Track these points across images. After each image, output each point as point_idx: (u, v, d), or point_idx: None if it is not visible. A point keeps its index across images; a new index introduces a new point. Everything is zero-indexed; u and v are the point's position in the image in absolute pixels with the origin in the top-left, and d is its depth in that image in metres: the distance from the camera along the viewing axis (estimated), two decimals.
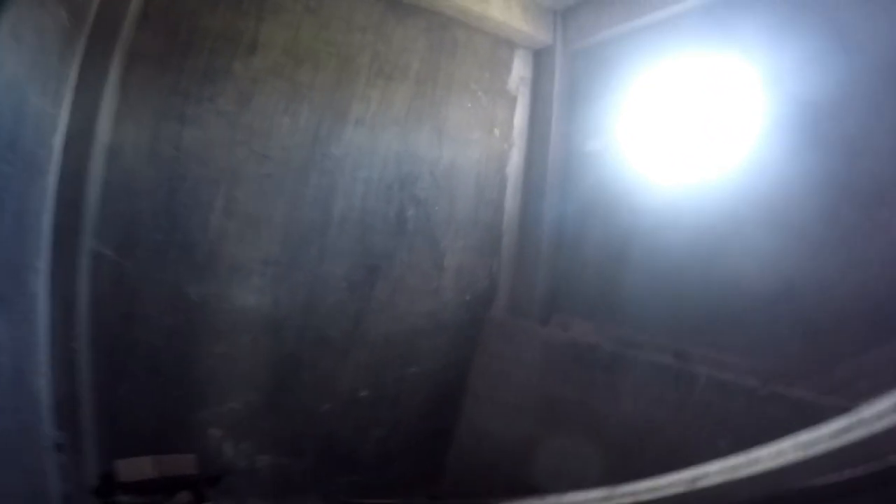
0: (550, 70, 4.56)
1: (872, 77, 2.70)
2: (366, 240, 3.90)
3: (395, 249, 4.02)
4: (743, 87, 3.35)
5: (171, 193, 3.20)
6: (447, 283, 4.29)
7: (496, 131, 4.57)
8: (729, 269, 3.17)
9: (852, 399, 1.70)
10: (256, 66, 3.42)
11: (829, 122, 2.87)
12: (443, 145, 4.26)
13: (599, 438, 3.28)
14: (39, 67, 2.39)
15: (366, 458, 3.99)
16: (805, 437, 1.21)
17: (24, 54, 2.20)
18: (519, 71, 4.68)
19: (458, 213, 4.35)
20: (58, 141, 2.69)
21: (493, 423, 4.03)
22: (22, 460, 2.33)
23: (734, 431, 2.68)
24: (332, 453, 3.86)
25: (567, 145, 4.54)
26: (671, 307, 3.47)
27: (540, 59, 4.68)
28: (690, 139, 3.67)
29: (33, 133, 2.46)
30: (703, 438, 2.80)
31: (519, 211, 4.65)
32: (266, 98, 3.47)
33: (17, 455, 2.30)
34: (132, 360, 3.13)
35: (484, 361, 4.25)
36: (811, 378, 2.63)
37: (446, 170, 4.28)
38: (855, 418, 1.16)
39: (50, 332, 2.64)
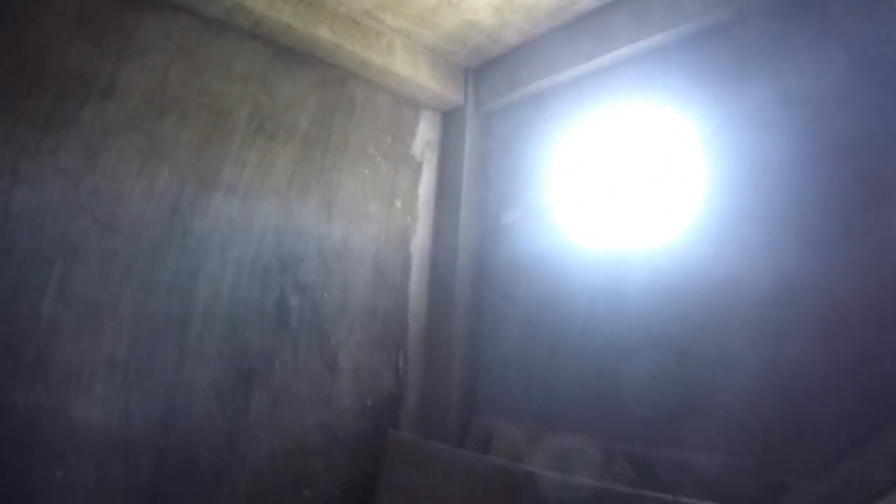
0: (460, 133, 5.26)
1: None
2: (238, 338, 4.04)
3: (276, 349, 4.19)
4: (679, 144, 4.08)
5: None
6: (343, 388, 4.50)
7: (398, 203, 5.09)
8: (694, 351, 3.73)
9: None
10: (110, 114, 3.60)
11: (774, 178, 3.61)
12: (333, 220, 4.65)
13: None
14: None
15: None
16: None
17: None
18: (425, 134, 5.34)
19: (352, 301, 4.68)
20: None
21: None
22: None
23: None
24: None
25: (481, 218, 5.19)
26: (618, 402, 3.94)
27: (449, 121, 5.39)
28: (626, 204, 4.34)
29: None
30: None
31: (426, 296, 5.10)
32: (118, 155, 3.63)
33: None
34: None
35: (391, 498, 4.36)
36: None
37: (338, 249, 4.64)
38: None
39: None
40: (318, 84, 4.62)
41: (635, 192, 4.40)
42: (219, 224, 4.03)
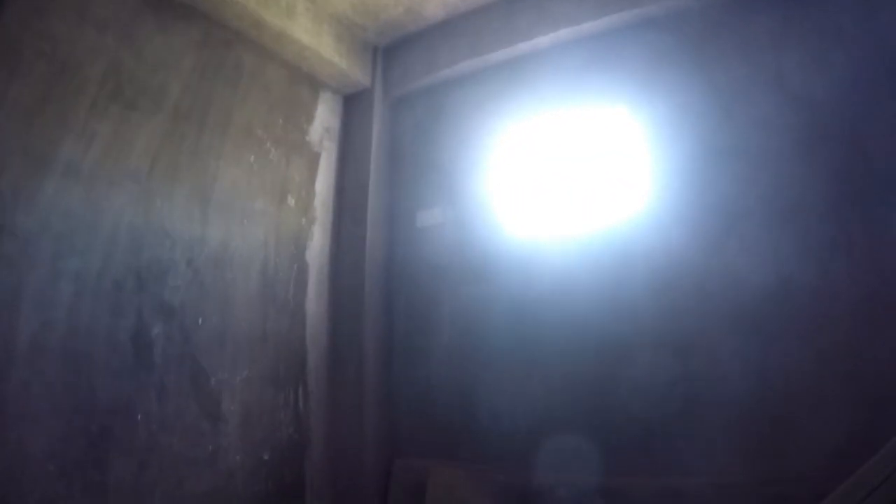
0: (366, 120, 4.50)
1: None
2: (82, 384, 2.85)
3: (136, 396, 3.06)
4: (624, 131, 3.82)
5: None
6: (231, 441, 3.44)
7: (290, 200, 4.14)
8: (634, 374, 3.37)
9: None
10: None
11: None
12: (209, 218, 3.58)
13: None
14: None
15: None
16: None
17: None
18: (324, 119, 4.48)
19: (235, 325, 3.64)
20: None
21: None
22: None
23: None
24: None
25: (392, 220, 4.48)
26: (584, 422, 3.46)
27: (353, 105, 4.60)
28: (568, 194, 3.94)
29: None
30: None
31: (328, 315, 4.23)
32: None
33: None
34: None
35: None
36: None
37: (215, 257, 3.59)
38: None
39: None
40: (197, 44, 3.55)
41: (578, 182, 3.98)
42: (51, 221, 2.82)
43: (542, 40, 4.01)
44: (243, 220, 3.76)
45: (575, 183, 4.01)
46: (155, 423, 3.12)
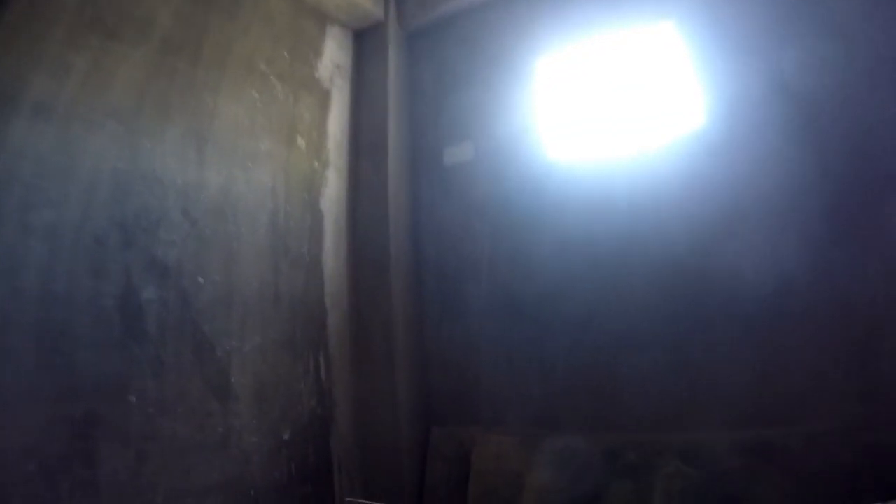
0: (381, 56, 3.99)
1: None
2: (61, 361, 2.36)
3: (128, 374, 2.57)
4: (667, 54, 3.33)
5: None
6: (244, 421, 2.97)
7: (300, 141, 3.59)
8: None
9: None
10: None
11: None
12: (207, 160, 3.05)
13: None
14: None
15: None
16: None
17: None
18: (333, 55, 3.92)
19: (243, 284, 3.13)
20: None
21: None
22: None
23: None
24: None
25: (415, 161, 3.98)
26: (648, 378, 3.01)
27: (365, 41, 4.09)
28: (609, 125, 3.45)
29: None
30: None
31: (348, 270, 3.71)
32: None
33: None
34: None
35: None
36: None
37: (215, 205, 3.08)
38: None
39: None
40: None
41: (622, 106, 3.45)
42: (20, 167, 2.33)
43: None
44: (247, 162, 3.22)
45: (618, 107, 3.47)
46: (152, 404, 2.66)
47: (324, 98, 3.76)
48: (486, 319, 3.50)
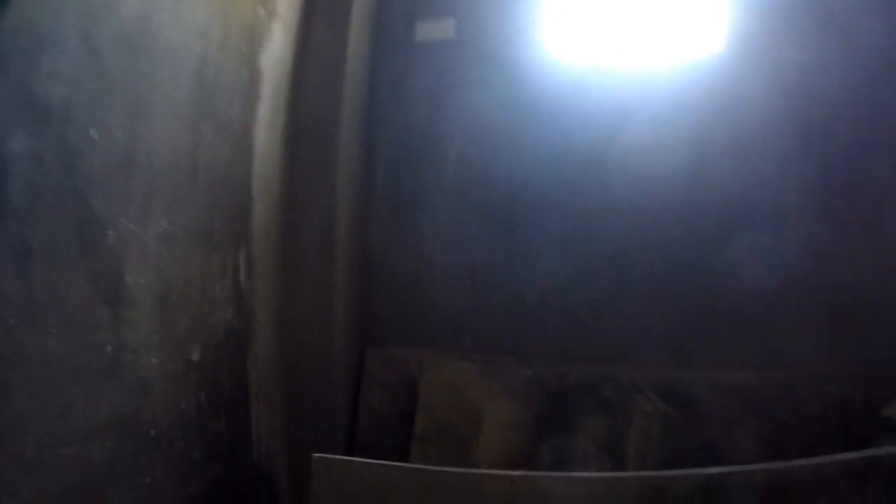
0: None
1: None
2: None
3: None
4: None
5: None
6: (141, 335, 2.15)
7: None
8: None
9: None
10: None
11: None
12: None
13: None
14: None
15: None
16: None
17: None
18: None
19: (152, 146, 2.19)
20: None
21: None
22: None
23: None
24: None
25: (379, 30, 3.19)
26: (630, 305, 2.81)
27: None
28: (619, 25, 3.02)
29: None
30: None
31: (284, 149, 2.89)
32: None
33: None
34: None
35: None
36: None
37: (127, 34, 2.08)
38: None
39: None
40: None
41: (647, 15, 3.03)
42: None
43: None
44: None
45: (636, 13, 3.06)
46: (13, 312, 1.81)
47: None
48: (449, 222, 2.99)
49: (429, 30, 3.15)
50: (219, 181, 2.48)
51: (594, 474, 2.41)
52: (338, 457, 2.25)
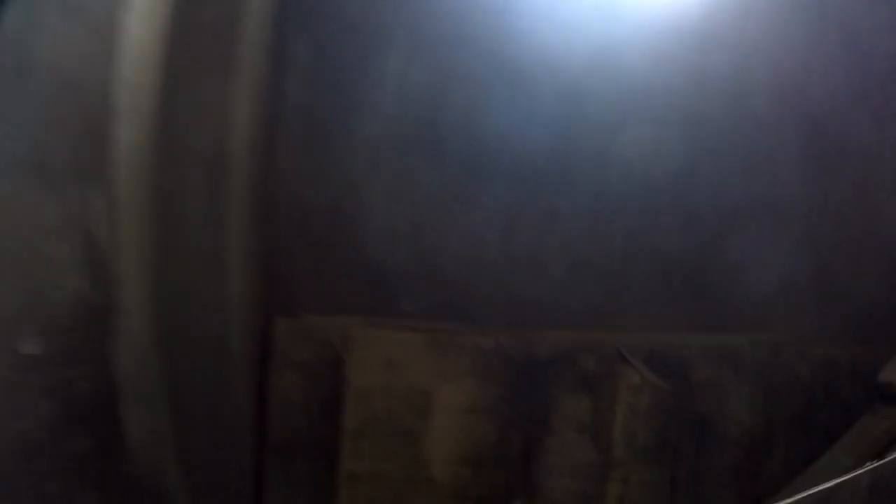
0: None
1: None
2: None
3: None
4: None
5: None
6: None
7: None
8: None
9: None
10: None
11: None
12: None
13: None
14: None
15: None
16: None
17: None
18: None
19: None
20: None
21: None
22: None
23: None
24: None
25: None
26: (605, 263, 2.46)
27: None
28: None
29: None
30: None
31: (165, 44, 1.84)
32: None
33: None
34: None
35: None
36: None
37: None
38: None
39: None
40: None
41: None
42: None
43: None
44: None
45: None
46: None
47: None
48: (383, 152, 2.31)
49: None
50: (65, 83, 1.69)
51: None
52: None
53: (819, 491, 1.47)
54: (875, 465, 1.75)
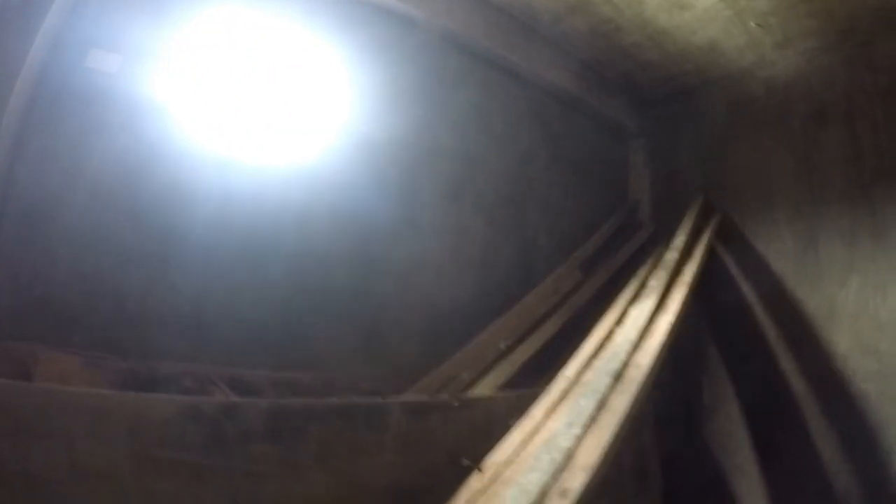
0: None
1: None
2: None
3: None
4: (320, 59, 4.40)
5: None
6: None
7: None
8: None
9: None
10: None
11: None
12: None
13: None
14: None
15: None
16: None
17: None
18: None
19: None
20: None
21: None
22: None
23: None
24: None
25: (62, 45, 3.54)
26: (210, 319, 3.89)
27: None
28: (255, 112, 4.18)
29: None
30: None
31: None
32: None
33: None
34: None
35: None
36: None
37: None
38: None
39: None
40: None
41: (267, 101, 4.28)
42: None
43: None
44: None
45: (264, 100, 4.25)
46: None
47: None
48: (81, 220, 3.69)
49: (101, 59, 3.61)
50: None
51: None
52: None
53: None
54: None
